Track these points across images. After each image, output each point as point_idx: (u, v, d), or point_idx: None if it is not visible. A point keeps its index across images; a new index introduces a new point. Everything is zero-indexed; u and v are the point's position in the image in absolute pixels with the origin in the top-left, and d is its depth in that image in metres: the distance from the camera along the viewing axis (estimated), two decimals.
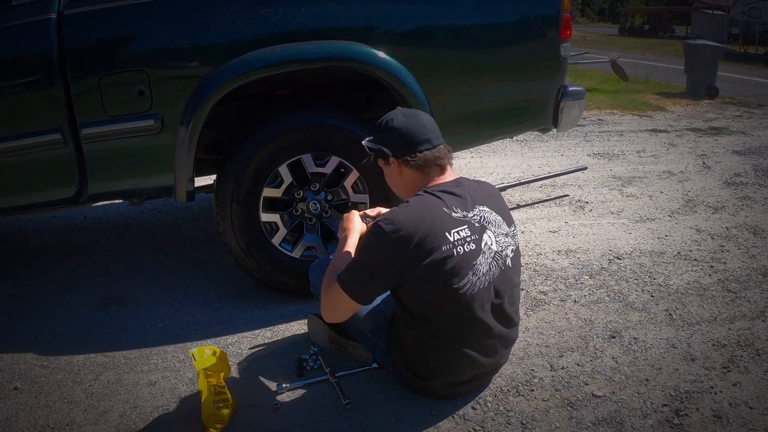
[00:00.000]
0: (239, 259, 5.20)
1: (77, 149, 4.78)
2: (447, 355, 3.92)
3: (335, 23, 4.90)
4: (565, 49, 5.52)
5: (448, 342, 3.90)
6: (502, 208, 4.14)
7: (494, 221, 3.99)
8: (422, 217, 3.75)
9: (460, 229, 3.80)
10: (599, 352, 4.62)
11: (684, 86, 18.19)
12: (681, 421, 3.88)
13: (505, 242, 4.01)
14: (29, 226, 7.35)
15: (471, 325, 3.87)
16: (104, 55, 4.73)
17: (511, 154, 10.71)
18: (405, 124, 3.98)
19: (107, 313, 5.28)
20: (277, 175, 5.09)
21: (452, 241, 3.75)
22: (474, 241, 3.83)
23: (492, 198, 4.13)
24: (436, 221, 3.75)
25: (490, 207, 4.03)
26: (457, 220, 3.82)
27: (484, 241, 3.88)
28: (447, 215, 3.80)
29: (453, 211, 3.83)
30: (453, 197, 3.89)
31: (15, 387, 4.31)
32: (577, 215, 7.50)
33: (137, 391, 4.25)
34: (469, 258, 3.80)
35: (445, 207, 3.82)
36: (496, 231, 3.97)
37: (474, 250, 3.82)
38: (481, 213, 3.95)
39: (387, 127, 4.01)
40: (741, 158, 10.36)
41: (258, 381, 4.33)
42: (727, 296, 5.44)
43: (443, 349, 3.91)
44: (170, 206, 7.88)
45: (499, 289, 3.96)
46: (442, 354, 3.92)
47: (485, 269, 3.86)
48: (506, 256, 4.00)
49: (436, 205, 3.82)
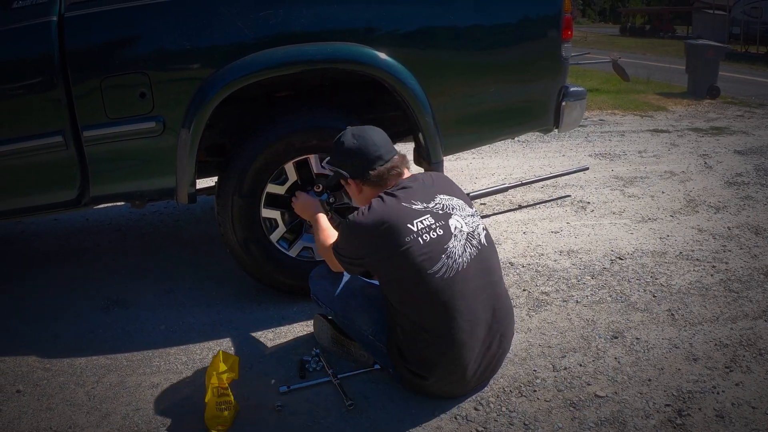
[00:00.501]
0: (236, 252, 5.19)
1: (79, 152, 4.78)
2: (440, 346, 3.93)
3: (336, 25, 4.89)
4: (567, 49, 5.52)
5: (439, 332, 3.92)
6: (461, 194, 4.29)
7: (457, 206, 4.13)
8: (382, 214, 3.95)
9: (423, 219, 3.95)
10: (601, 352, 4.62)
11: (685, 86, 18.20)
12: (683, 421, 3.88)
13: (473, 222, 4.13)
14: (31, 229, 7.35)
15: (458, 309, 3.90)
16: (105, 58, 4.72)
17: (513, 154, 10.71)
18: (356, 145, 4.18)
19: (109, 315, 5.28)
20: (283, 172, 5.10)
21: (416, 231, 3.90)
22: (441, 227, 3.96)
23: (447, 185, 4.30)
24: (396, 216, 3.93)
25: (449, 194, 4.18)
26: (418, 211, 3.97)
27: (453, 225, 4.01)
28: (407, 208, 3.96)
29: (412, 204, 3.99)
30: (409, 191, 4.06)
31: (17, 390, 4.31)
32: (578, 216, 7.50)
33: (140, 394, 4.25)
34: (438, 243, 3.91)
35: (403, 202, 4.00)
36: (461, 214, 4.10)
37: (443, 235, 3.94)
38: (441, 201, 4.09)
39: (340, 150, 4.23)
40: (742, 158, 10.36)
41: (261, 382, 4.32)
42: (729, 296, 5.44)
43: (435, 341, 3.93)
44: (172, 208, 7.89)
45: (482, 267, 4.04)
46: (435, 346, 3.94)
47: (460, 251, 3.96)
48: (479, 235, 4.12)
49: (394, 202, 3.99)
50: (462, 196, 4.25)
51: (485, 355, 4.08)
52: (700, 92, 17.17)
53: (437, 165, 5.16)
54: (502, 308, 4.15)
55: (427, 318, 3.92)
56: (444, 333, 3.91)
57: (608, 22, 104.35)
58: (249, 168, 4.96)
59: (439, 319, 3.90)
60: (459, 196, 4.23)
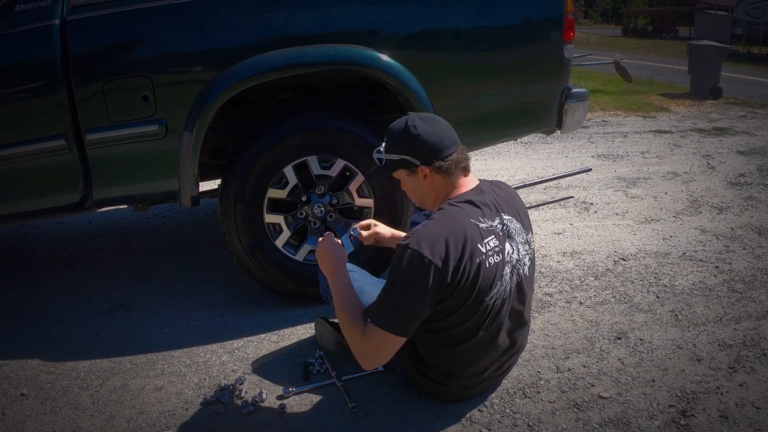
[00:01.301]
0: (241, 259, 5.20)
1: (81, 155, 4.79)
2: (467, 362, 3.91)
3: (338, 27, 4.89)
4: (569, 50, 5.51)
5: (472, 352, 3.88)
6: (523, 215, 4.09)
7: (516, 230, 3.94)
8: (454, 231, 3.61)
9: (490, 239, 3.72)
10: (605, 353, 4.62)
11: (688, 87, 18.20)
12: (687, 422, 3.87)
13: (523, 251, 3.97)
14: (34, 233, 7.36)
15: (490, 331, 3.85)
16: (108, 61, 4.72)
17: (516, 156, 10.72)
18: (430, 129, 3.83)
19: (113, 318, 5.29)
20: (282, 176, 5.09)
21: (484, 252, 3.67)
22: (500, 251, 3.77)
23: (512, 204, 4.05)
24: (468, 234, 3.64)
25: (512, 215, 3.96)
26: (486, 230, 3.73)
27: (507, 250, 3.83)
28: (476, 226, 3.70)
29: (480, 222, 3.74)
30: (477, 208, 3.79)
31: (21, 393, 4.31)
32: (581, 217, 7.50)
33: (144, 397, 4.26)
34: (498, 268, 3.75)
35: (472, 218, 3.72)
36: (517, 239, 3.92)
37: (501, 261, 3.77)
38: (504, 221, 3.88)
39: (411, 135, 3.81)
40: (745, 158, 10.36)
41: (264, 385, 4.33)
42: (733, 296, 5.44)
43: (465, 358, 3.90)
44: (175, 211, 7.90)
45: (520, 297, 3.96)
46: (463, 362, 3.91)
47: (508, 278, 3.83)
48: (524, 265, 3.96)
49: (464, 217, 3.71)
50: (523, 219, 4.07)
51: (501, 367, 4.09)
52: (703, 93, 17.17)
53: None
54: (524, 327, 4.15)
55: (465, 338, 3.83)
56: (476, 354, 3.89)
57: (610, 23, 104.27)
58: (249, 173, 4.96)
59: (478, 341, 3.85)
60: (520, 217, 4.03)
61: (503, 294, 3.79)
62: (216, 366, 4.58)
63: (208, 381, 4.39)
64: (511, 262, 3.85)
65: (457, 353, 3.88)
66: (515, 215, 3.99)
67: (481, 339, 3.84)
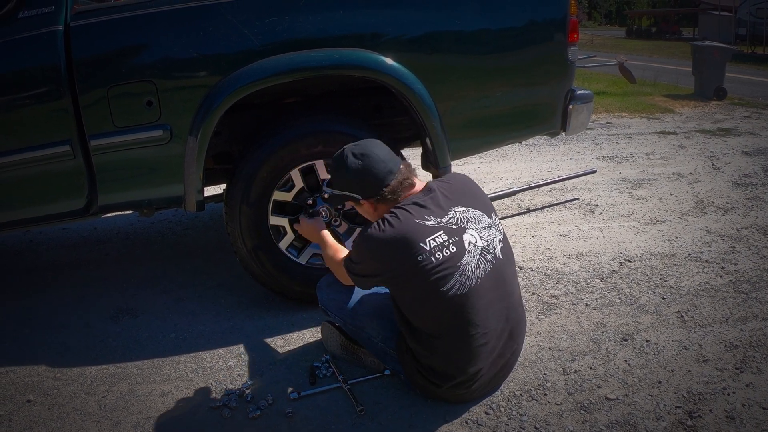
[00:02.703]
0: (245, 261, 5.19)
1: (86, 161, 4.79)
2: (454, 357, 3.92)
3: (342, 31, 4.89)
4: (573, 52, 5.50)
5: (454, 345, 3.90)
6: (480, 201, 4.16)
7: (473, 218, 4.01)
8: (397, 230, 3.82)
9: (436, 236, 3.83)
10: (611, 355, 4.62)
11: (692, 88, 18.20)
12: (694, 423, 3.87)
13: (489, 235, 4.02)
14: (40, 239, 7.37)
15: (472, 323, 3.86)
16: (112, 66, 4.73)
17: (521, 158, 10.72)
18: (361, 166, 3.99)
19: (119, 324, 5.29)
20: (289, 179, 5.10)
21: (428, 249, 3.79)
22: (454, 243, 3.85)
23: (466, 194, 4.13)
24: (410, 233, 3.80)
25: (466, 204, 4.04)
26: (431, 227, 3.85)
27: (467, 240, 3.91)
28: (420, 225, 3.84)
29: (425, 220, 3.86)
30: (422, 208, 3.92)
31: (28, 399, 4.31)
32: (587, 218, 7.49)
33: (150, 402, 4.26)
34: (451, 260, 3.82)
35: (416, 218, 3.86)
36: (477, 227, 3.98)
37: (456, 253, 3.84)
38: (456, 214, 3.96)
39: (345, 174, 4.04)
40: (750, 159, 10.36)
41: (271, 389, 4.32)
42: (739, 297, 5.44)
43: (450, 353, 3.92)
44: (180, 216, 7.90)
45: (496, 282, 3.98)
46: (449, 357, 3.92)
47: (473, 267, 3.87)
48: (494, 248, 4.01)
49: (408, 218, 3.86)
50: (481, 205, 4.13)
51: (497, 363, 4.07)
52: (707, 94, 17.17)
53: (445, 170, 5.15)
54: (515, 317, 4.13)
55: (441, 332, 3.90)
56: (458, 346, 3.90)
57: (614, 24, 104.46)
58: (255, 176, 4.96)
59: (454, 334, 3.88)
60: (478, 205, 4.11)
61: (467, 284, 3.84)
62: (223, 371, 4.58)
63: (214, 386, 4.39)
64: (475, 250, 3.92)
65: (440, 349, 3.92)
66: (470, 203, 4.07)
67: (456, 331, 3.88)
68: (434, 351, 3.94)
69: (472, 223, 3.97)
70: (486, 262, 3.93)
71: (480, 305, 3.87)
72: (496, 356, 4.04)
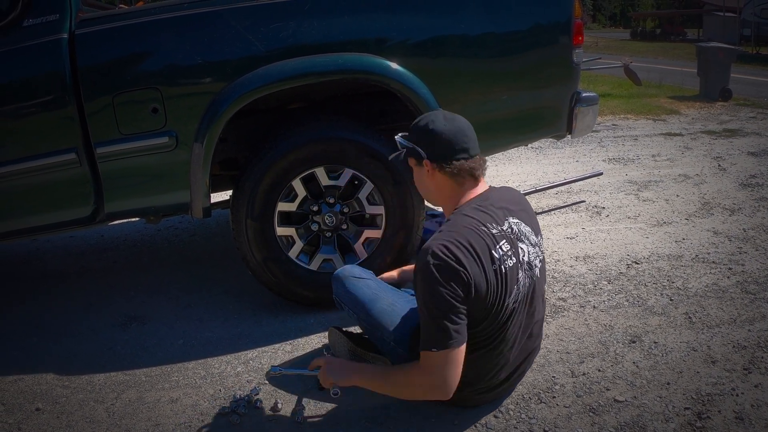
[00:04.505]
0: (257, 272, 5.20)
1: (92, 168, 4.81)
2: (482, 367, 3.89)
3: (347, 36, 4.89)
4: (578, 55, 5.50)
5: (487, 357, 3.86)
6: (531, 218, 4.09)
7: (525, 232, 3.93)
8: (466, 238, 3.61)
9: (502, 244, 3.72)
10: (620, 357, 4.62)
11: (697, 89, 18.22)
12: (703, 424, 3.86)
13: (534, 253, 3.95)
14: (46, 247, 7.38)
15: (506, 338, 3.83)
16: (117, 74, 4.74)
17: (527, 161, 10.72)
18: (446, 128, 3.85)
19: (127, 331, 5.29)
20: (291, 190, 5.09)
21: (498, 257, 3.66)
22: (513, 254, 3.76)
23: (520, 208, 4.05)
24: (479, 240, 3.65)
25: (520, 218, 3.96)
26: (496, 235, 3.72)
27: (521, 254, 3.82)
28: (487, 233, 3.70)
29: (491, 227, 3.73)
30: (485, 213, 3.79)
31: (37, 408, 4.31)
32: (594, 221, 7.49)
33: (159, 409, 4.26)
34: (514, 272, 3.74)
35: (483, 225, 3.72)
36: (527, 241, 3.91)
37: (515, 264, 3.76)
38: (512, 225, 3.87)
39: (426, 129, 3.88)
40: (756, 159, 10.36)
41: (280, 395, 4.32)
42: (746, 298, 5.43)
43: (480, 363, 3.87)
44: (187, 223, 7.91)
45: (532, 297, 3.94)
46: (478, 366, 3.88)
47: (523, 281, 3.81)
48: (535, 267, 3.94)
49: (474, 225, 3.71)
50: (532, 222, 4.07)
51: (515, 372, 4.07)
52: (713, 95, 17.17)
53: None
54: (537, 331, 4.14)
55: (481, 343, 3.80)
56: (487, 358, 3.87)
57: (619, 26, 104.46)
58: (258, 190, 4.97)
59: (492, 345, 3.83)
60: (529, 221, 4.03)
61: (519, 297, 3.78)
62: (231, 377, 4.58)
63: (223, 392, 4.39)
64: (524, 264, 3.84)
65: (475, 360, 3.83)
66: (523, 218, 3.98)
67: (497, 345, 3.82)
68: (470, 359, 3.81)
69: (524, 237, 3.91)
70: (528, 278, 3.87)
71: (517, 321, 3.85)
72: (515, 366, 4.04)
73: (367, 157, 5.00)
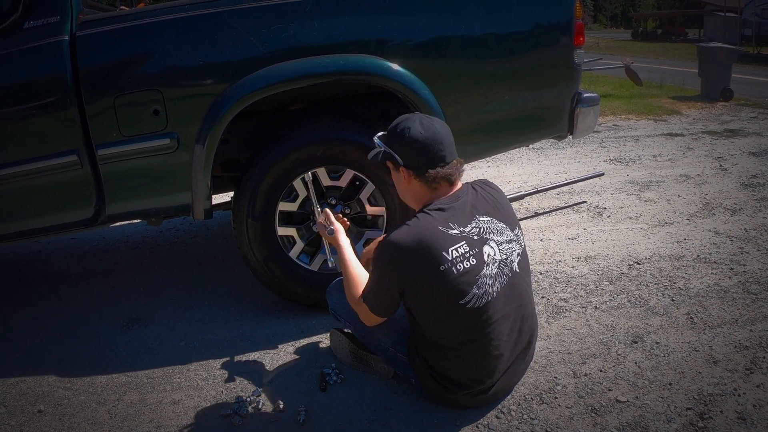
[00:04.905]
0: (257, 272, 5.21)
1: (94, 170, 4.81)
2: (467, 367, 3.92)
3: (348, 37, 4.89)
4: (579, 55, 5.49)
5: (468, 356, 3.90)
6: (505, 213, 4.10)
7: (495, 230, 3.96)
8: (421, 235, 3.77)
9: (458, 246, 3.78)
10: (621, 357, 4.62)
11: (698, 89, 18.19)
12: (705, 424, 3.87)
13: (509, 248, 3.98)
14: (48, 249, 7.38)
15: (484, 336, 3.86)
16: (118, 76, 4.74)
17: (528, 162, 10.71)
18: (422, 137, 3.88)
19: (129, 333, 5.29)
20: (292, 190, 5.10)
21: (450, 259, 3.75)
22: (474, 255, 3.81)
23: (493, 204, 4.07)
24: (432, 241, 3.75)
25: (491, 215, 3.99)
26: (454, 237, 3.80)
27: (486, 253, 3.87)
28: (443, 233, 3.78)
29: (449, 228, 3.81)
30: (448, 214, 3.86)
31: (39, 410, 4.31)
32: (595, 221, 7.49)
33: (161, 411, 4.26)
34: (471, 273, 3.78)
35: (440, 226, 3.80)
36: (498, 239, 3.94)
37: (475, 265, 3.80)
38: (479, 224, 3.91)
39: (402, 136, 3.91)
40: (757, 159, 10.35)
41: (282, 396, 4.32)
42: (748, 298, 5.43)
43: (463, 363, 3.91)
44: (189, 224, 7.91)
45: (512, 295, 3.95)
46: (462, 366, 3.92)
47: (491, 281, 3.84)
48: (512, 262, 3.98)
49: (432, 225, 3.80)
50: (506, 217, 4.07)
51: (509, 371, 4.07)
52: (714, 95, 17.16)
53: None
54: (529, 327, 4.13)
55: (456, 344, 3.89)
56: (474, 358, 3.90)
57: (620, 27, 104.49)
58: (258, 189, 4.98)
59: (469, 346, 3.88)
60: (502, 217, 4.05)
61: (484, 297, 3.81)
62: (233, 378, 4.59)
63: (225, 393, 4.40)
64: (493, 263, 3.88)
65: (455, 360, 3.92)
66: (496, 215, 4.02)
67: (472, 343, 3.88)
68: (449, 362, 3.94)
69: (494, 235, 3.93)
70: (503, 276, 3.90)
71: (496, 318, 3.86)
72: (508, 366, 4.04)
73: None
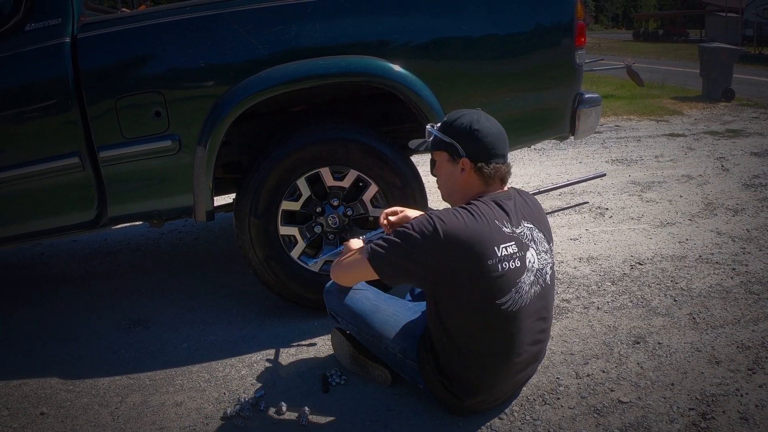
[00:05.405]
0: (258, 271, 5.20)
1: (96, 172, 4.81)
2: (485, 373, 3.89)
3: (349, 38, 4.89)
4: (580, 56, 5.49)
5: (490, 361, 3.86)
6: (544, 224, 4.08)
7: (537, 238, 3.92)
8: (477, 226, 3.67)
9: (509, 245, 3.72)
10: (624, 358, 4.61)
11: (700, 89, 18.21)
12: (708, 425, 3.86)
13: (545, 260, 3.94)
14: (50, 251, 7.38)
15: (509, 342, 3.83)
16: (119, 78, 4.74)
17: (530, 162, 10.72)
18: (489, 131, 3.88)
19: (131, 335, 5.29)
20: (296, 189, 5.10)
21: (499, 256, 3.68)
22: (519, 258, 3.76)
23: (536, 214, 4.05)
24: (488, 234, 3.68)
25: (534, 223, 3.95)
26: (507, 235, 3.74)
27: (528, 259, 3.81)
28: (498, 229, 3.72)
29: (504, 226, 3.75)
30: (503, 211, 3.81)
31: (41, 412, 4.31)
32: (597, 222, 7.49)
33: (163, 413, 4.26)
34: (513, 275, 3.73)
35: (497, 220, 3.75)
36: (538, 248, 3.90)
37: (518, 268, 3.75)
38: (525, 229, 3.87)
39: (470, 128, 3.87)
40: (759, 160, 10.35)
41: (284, 398, 4.31)
42: (750, 298, 5.43)
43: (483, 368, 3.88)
44: (190, 226, 7.91)
45: (540, 306, 3.92)
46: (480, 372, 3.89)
47: (527, 288, 3.79)
48: (546, 273, 3.93)
49: (490, 216, 3.73)
50: (545, 227, 4.07)
51: (521, 378, 4.09)
52: (715, 95, 17.17)
53: None
54: (544, 340, 4.12)
55: (479, 346, 3.84)
56: (494, 362, 3.87)
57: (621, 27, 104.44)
58: (262, 188, 4.98)
59: (492, 350, 3.84)
60: (542, 227, 4.03)
61: (519, 302, 3.76)
62: (235, 380, 4.58)
63: (227, 395, 4.39)
64: (533, 270, 3.83)
65: (476, 363, 3.86)
66: (537, 225, 3.97)
67: (496, 347, 3.84)
68: (468, 363, 3.88)
69: (535, 243, 3.90)
70: (537, 285, 3.86)
71: (522, 326, 3.83)
72: (520, 373, 4.04)
73: (372, 158, 5.01)
